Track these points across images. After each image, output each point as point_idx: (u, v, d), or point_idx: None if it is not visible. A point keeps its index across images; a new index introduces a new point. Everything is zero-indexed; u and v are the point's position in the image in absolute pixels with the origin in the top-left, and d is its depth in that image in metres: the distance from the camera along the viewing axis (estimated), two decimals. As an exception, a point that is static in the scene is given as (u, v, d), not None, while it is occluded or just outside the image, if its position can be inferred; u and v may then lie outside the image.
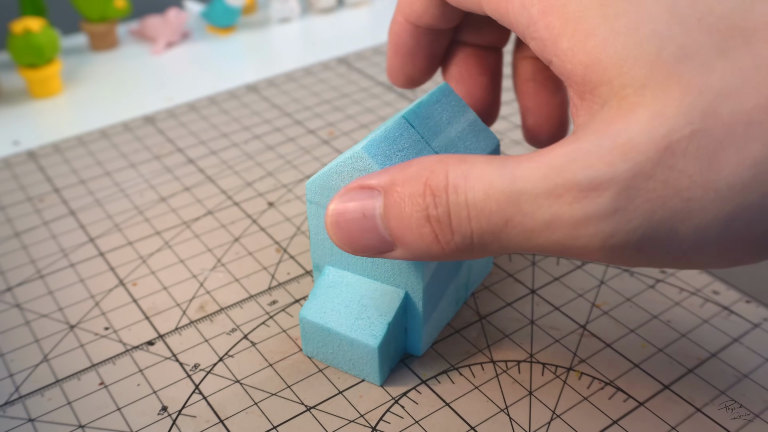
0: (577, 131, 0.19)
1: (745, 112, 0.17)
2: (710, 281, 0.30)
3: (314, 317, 0.26)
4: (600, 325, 0.28)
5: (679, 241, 0.18)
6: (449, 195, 0.20)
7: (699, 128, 0.17)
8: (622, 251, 0.18)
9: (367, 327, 0.25)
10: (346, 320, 0.25)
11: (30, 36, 0.44)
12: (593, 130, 0.18)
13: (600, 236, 0.18)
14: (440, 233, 0.20)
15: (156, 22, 0.52)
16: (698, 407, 0.25)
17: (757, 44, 0.17)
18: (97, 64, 0.51)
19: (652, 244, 0.18)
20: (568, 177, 0.18)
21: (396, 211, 0.21)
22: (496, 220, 0.19)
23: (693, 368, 0.26)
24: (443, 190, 0.20)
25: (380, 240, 0.22)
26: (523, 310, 0.29)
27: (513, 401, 0.25)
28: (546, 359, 0.27)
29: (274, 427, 0.25)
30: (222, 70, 0.49)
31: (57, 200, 0.36)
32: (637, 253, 0.18)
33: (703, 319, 0.28)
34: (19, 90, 0.47)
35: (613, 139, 0.18)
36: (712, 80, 0.17)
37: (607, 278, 0.31)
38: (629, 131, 0.18)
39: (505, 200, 0.19)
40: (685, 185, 0.17)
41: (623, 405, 0.25)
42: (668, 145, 0.17)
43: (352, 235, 0.22)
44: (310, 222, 0.26)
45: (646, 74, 0.18)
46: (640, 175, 0.17)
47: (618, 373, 0.26)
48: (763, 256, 0.19)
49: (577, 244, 0.19)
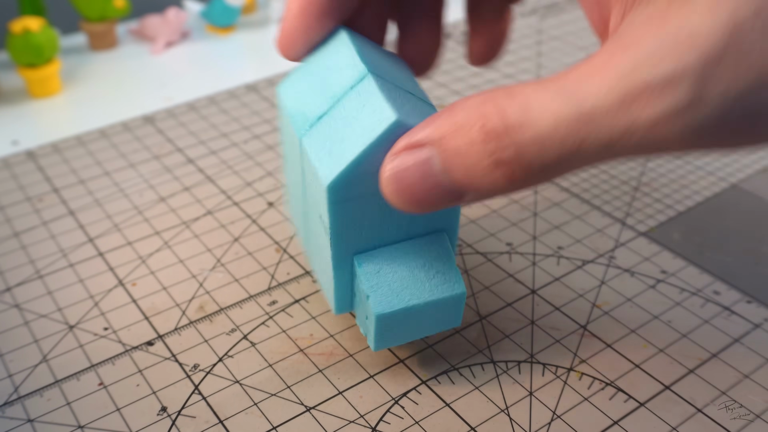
0: (624, 38, 0.19)
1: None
2: (711, 281, 0.30)
3: (392, 307, 0.23)
4: (600, 325, 0.28)
5: (758, 114, 0.18)
6: (514, 135, 0.19)
7: (762, 5, 0.17)
8: (703, 137, 0.19)
9: (444, 281, 0.24)
10: (422, 288, 0.24)
11: (29, 35, 0.44)
12: (647, 32, 0.18)
13: (679, 128, 0.18)
14: (513, 173, 0.20)
15: (155, 21, 0.52)
16: (699, 408, 0.25)
17: None
18: (97, 64, 0.50)
19: (733, 124, 0.18)
20: (637, 81, 0.18)
21: (459, 162, 0.20)
22: (569, 145, 0.19)
23: (694, 369, 0.26)
24: (505, 132, 0.20)
25: (448, 192, 0.21)
26: (523, 310, 0.29)
27: (513, 402, 0.25)
28: (546, 360, 0.27)
29: (274, 427, 0.24)
30: (221, 70, 0.49)
31: (56, 200, 0.36)
32: (717, 135, 0.19)
33: (704, 320, 0.28)
34: (18, 90, 0.47)
35: (675, 34, 0.18)
36: None
37: (607, 278, 0.30)
38: (690, 23, 0.18)
39: (576, 123, 0.19)
40: (757, 61, 0.18)
41: (624, 405, 0.25)
42: (733, 28, 0.17)
43: (418, 197, 0.21)
44: (333, 222, 0.23)
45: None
46: (711, 61, 0.18)
47: (619, 373, 0.26)
48: None
49: (657, 140, 0.19)
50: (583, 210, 0.35)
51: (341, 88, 0.23)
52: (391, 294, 0.23)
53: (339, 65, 0.24)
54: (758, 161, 0.38)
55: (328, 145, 0.22)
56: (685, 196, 0.36)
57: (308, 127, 0.23)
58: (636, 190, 0.36)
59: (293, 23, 0.25)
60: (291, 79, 0.25)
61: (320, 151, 0.22)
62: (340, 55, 0.24)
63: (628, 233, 0.33)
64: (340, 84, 0.23)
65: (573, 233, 0.33)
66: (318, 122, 0.23)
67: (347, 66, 0.23)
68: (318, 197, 0.23)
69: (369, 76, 0.23)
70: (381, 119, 0.21)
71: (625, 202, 0.35)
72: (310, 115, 0.24)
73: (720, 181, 0.37)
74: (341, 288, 0.25)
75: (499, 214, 0.34)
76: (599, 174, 0.37)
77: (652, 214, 0.34)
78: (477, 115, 0.20)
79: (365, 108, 0.22)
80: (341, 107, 0.23)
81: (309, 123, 0.23)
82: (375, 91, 0.22)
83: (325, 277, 0.26)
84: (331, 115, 0.23)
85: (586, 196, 0.36)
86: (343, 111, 0.23)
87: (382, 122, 0.21)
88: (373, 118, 0.22)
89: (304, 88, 0.24)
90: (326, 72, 0.24)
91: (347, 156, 0.22)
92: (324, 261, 0.25)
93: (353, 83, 0.23)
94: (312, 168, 0.23)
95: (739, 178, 0.37)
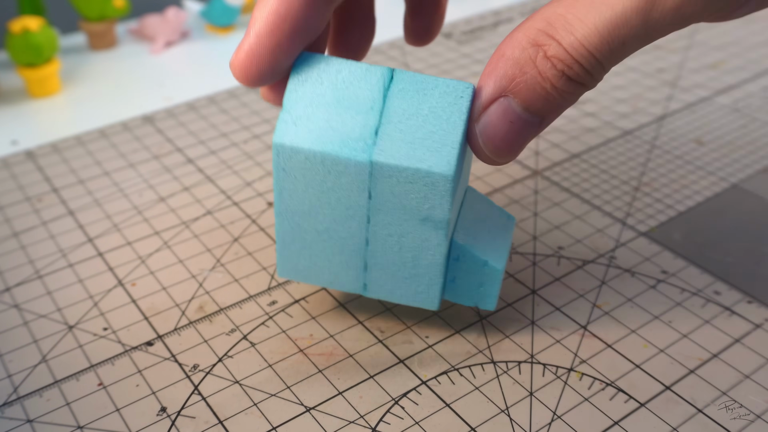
0: None
1: None
2: (711, 281, 0.30)
3: (502, 259, 0.26)
4: (601, 325, 0.28)
5: None
6: (573, 53, 0.22)
7: None
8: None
9: (503, 214, 0.27)
10: (499, 237, 0.27)
11: (28, 35, 0.43)
12: None
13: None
14: (586, 79, 0.22)
15: (155, 21, 0.52)
16: (700, 408, 0.25)
17: None
18: (96, 64, 0.50)
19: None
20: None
21: (538, 92, 0.22)
22: (616, 45, 0.22)
23: (694, 369, 0.26)
24: (566, 53, 0.22)
25: (532, 126, 0.23)
26: (523, 310, 0.29)
27: (513, 402, 0.25)
28: (547, 360, 0.27)
29: (274, 428, 0.24)
30: (221, 70, 0.49)
31: (56, 200, 0.36)
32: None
33: (705, 320, 0.28)
34: (18, 89, 0.47)
35: None
36: None
37: (608, 278, 0.30)
38: None
39: (633, 15, 0.21)
40: None
41: (624, 406, 0.25)
42: None
43: (511, 143, 0.23)
44: (449, 211, 0.23)
45: None
46: None
47: (619, 373, 0.26)
48: None
49: (685, 16, 0.21)
50: (584, 210, 0.35)
51: (372, 96, 0.23)
52: (494, 249, 0.26)
53: (350, 79, 0.23)
54: (759, 161, 0.38)
55: (416, 146, 0.22)
56: (686, 196, 0.36)
57: (368, 146, 0.23)
58: (636, 190, 0.36)
59: (261, 41, 0.24)
60: (288, 127, 0.23)
61: (411, 157, 0.22)
62: (344, 71, 0.23)
63: (628, 233, 0.33)
64: (368, 95, 0.23)
65: (573, 233, 0.33)
66: (379, 136, 0.23)
67: (363, 76, 0.23)
68: (417, 203, 0.23)
69: (397, 71, 0.23)
70: (457, 94, 0.22)
71: (626, 202, 0.35)
72: (356, 137, 0.23)
73: (721, 181, 0.37)
74: (443, 278, 0.26)
75: (500, 214, 0.34)
76: (599, 174, 0.37)
77: (653, 214, 0.34)
78: (532, 45, 0.22)
79: (427, 95, 0.23)
80: (394, 111, 0.23)
81: (364, 143, 0.23)
82: (423, 77, 0.23)
83: (415, 284, 0.26)
84: (390, 122, 0.23)
85: (587, 196, 0.36)
86: (401, 112, 0.23)
87: (462, 95, 0.22)
88: (446, 99, 0.23)
89: (321, 123, 0.23)
90: (339, 93, 0.23)
91: (450, 142, 0.22)
92: (420, 268, 0.25)
93: (384, 85, 0.23)
94: (410, 176, 0.23)
95: (740, 178, 0.37)
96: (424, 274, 0.25)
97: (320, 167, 0.23)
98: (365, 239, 0.25)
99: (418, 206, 0.23)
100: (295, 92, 0.23)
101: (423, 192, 0.23)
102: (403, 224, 0.24)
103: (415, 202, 0.23)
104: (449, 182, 0.22)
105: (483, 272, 0.26)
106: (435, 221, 0.24)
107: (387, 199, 0.23)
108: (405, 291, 0.26)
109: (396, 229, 0.24)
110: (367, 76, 0.23)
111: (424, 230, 0.24)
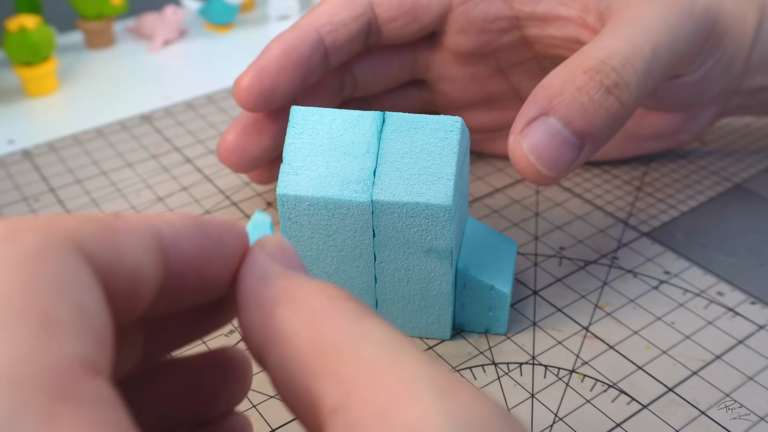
0: (617, 21, 0.26)
1: None
2: (715, 282, 0.30)
3: (508, 282, 0.27)
4: (603, 326, 0.28)
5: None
6: (611, 61, 0.24)
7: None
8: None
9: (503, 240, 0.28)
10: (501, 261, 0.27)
11: (25, 33, 0.43)
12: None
13: None
14: (621, 94, 0.24)
15: (153, 19, 0.52)
16: (702, 410, 0.25)
17: None
18: (93, 62, 0.50)
19: None
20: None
21: (576, 107, 0.24)
22: (648, 51, 0.25)
23: (697, 370, 0.26)
24: (603, 62, 0.24)
25: (572, 147, 0.24)
26: (525, 311, 0.29)
27: (515, 404, 0.25)
28: (548, 361, 0.26)
29: (273, 429, 0.24)
30: (220, 68, 0.49)
31: (53, 200, 0.36)
32: None
33: (708, 321, 0.28)
34: (14, 88, 0.46)
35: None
36: None
37: (610, 279, 0.30)
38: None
39: (644, 34, 0.25)
40: None
41: (626, 408, 0.25)
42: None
43: (554, 156, 0.24)
44: (451, 239, 0.24)
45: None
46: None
47: (621, 375, 0.26)
48: None
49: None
50: (586, 210, 0.34)
51: (367, 140, 0.24)
52: (499, 274, 0.27)
53: (345, 126, 0.24)
54: (762, 161, 0.38)
55: (413, 182, 0.23)
56: (689, 196, 0.35)
57: (368, 187, 0.24)
58: (639, 189, 0.36)
59: (271, 61, 0.28)
60: (290, 178, 0.24)
61: (410, 192, 0.23)
62: (338, 119, 0.25)
63: (630, 233, 0.33)
64: (363, 139, 0.24)
65: (575, 233, 0.33)
66: (377, 176, 0.24)
67: (356, 122, 0.24)
68: (420, 235, 0.24)
69: (388, 114, 0.24)
70: (447, 129, 0.23)
71: (628, 202, 0.35)
72: (356, 180, 0.24)
73: (724, 181, 0.36)
74: (453, 307, 0.27)
75: (501, 214, 0.34)
76: (601, 174, 0.37)
77: (655, 214, 0.34)
78: (572, 68, 0.25)
79: (419, 132, 0.24)
80: (389, 151, 0.24)
81: (364, 184, 0.24)
82: (413, 117, 0.24)
83: (426, 315, 0.27)
84: (386, 162, 0.24)
85: (589, 196, 0.35)
86: (395, 151, 0.24)
87: (452, 129, 0.23)
88: (437, 134, 0.23)
89: (321, 170, 0.24)
90: (336, 140, 0.24)
91: (446, 174, 0.23)
92: (429, 299, 0.26)
93: (377, 128, 0.24)
94: (410, 210, 0.23)
95: (743, 177, 0.37)
96: (434, 305, 0.26)
97: (324, 212, 0.24)
98: (374, 276, 0.26)
99: (421, 238, 0.24)
100: (293, 144, 0.25)
101: (424, 224, 0.24)
102: (409, 258, 0.25)
103: (417, 235, 0.24)
104: (448, 212, 0.23)
105: (490, 297, 0.27)
106: (439, 251, 0.24)
107: (391, 235, 0.24)
108: (417, 323, 0.27)
109: (402, 264, 0.25)
110: (360, 121, 0.24)
111: (430, 261, 0.25)
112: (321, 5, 0.30)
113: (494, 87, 0.33)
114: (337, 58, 0.30)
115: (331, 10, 0.29)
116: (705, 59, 0.29)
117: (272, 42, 0.29)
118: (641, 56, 0.25)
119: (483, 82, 0.33)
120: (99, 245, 0.13)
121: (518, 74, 0.33)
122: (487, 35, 0.31)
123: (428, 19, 0.30)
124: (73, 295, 0.12)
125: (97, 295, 0.13)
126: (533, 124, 0.24)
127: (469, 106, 0.34)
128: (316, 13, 0.29)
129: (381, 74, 0.32)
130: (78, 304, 0.12)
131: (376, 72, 0.32)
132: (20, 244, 0.12)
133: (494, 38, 0.31)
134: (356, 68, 0.32)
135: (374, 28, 0.30)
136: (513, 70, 0.33)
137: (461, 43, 0.31)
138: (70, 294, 0.12)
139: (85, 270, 0.13)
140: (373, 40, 0.31)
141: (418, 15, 0.30)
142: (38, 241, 0.12)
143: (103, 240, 0.13)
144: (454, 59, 0.32)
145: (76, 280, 0.12)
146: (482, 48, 0.31)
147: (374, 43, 0.31)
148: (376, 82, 0.32)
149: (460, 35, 0.31)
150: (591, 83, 0.24)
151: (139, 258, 0.14)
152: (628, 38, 0.25)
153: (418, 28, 0.30)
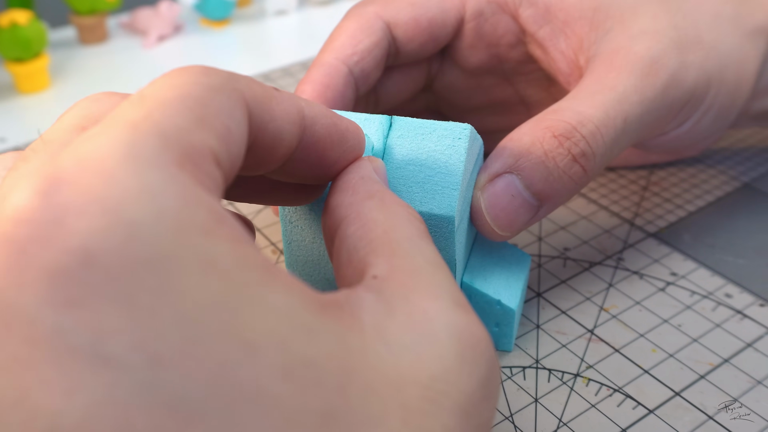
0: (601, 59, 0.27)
1: None
2: (723, 284, 0.30)
3: (515, 296, 0.26)
4: (608, 329, 0.28)
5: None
6: (582, 128, 0.25)
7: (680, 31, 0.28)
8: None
9: (516, 252, 0.27)
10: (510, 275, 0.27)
11: (17, 29, 0.43)
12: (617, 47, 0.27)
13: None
14: (588, 162, 0.25)
15: (147, 14, 0.52)
16: (710, 415, 0.24)
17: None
18: (86, 58, 0.50)
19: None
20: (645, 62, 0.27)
21: (541, 170, 0.24)
22: (619, 122, 0.25)
23: (705, 374, 0.26)
24: (574, 129, 0.25)
25: (530, 209, 0.25)
26: (528, 313, 0.28)
27: (518, 408, 0.25)
28: (552, 365, 0.26)
29: None
30: (216, 65, 0.48)
31: (43, 198, 0.35)
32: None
33: (715, 323, 0.28)
34: (6, 85, 0.46)
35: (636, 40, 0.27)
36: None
37: (615, 281, 0.30)
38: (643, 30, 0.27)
39: (619, 104, 0.26)
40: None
41: (632, 412, 0.24)
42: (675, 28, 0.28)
43: (511, 218, 0.24)
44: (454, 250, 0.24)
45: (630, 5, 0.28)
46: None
47: (627, 379, 0.26)
48: None
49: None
50: (591, 210, 0.34)
51: (372, 144, 0.23)
52: (507, 288, 0.26)
53: None
54: (768, 159, 0.37)
55: (417, 190, 0.23)
56: (696, 195, 0.35)
57: None
58: (645, 189, 0.35)
59: (334, 65, 0.28)
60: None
61: (413, 200, 0.23)
62: None
63: (636, 234, 0.32)
64: (368, 143, 0.23)
65: (580, 234, 0.32)
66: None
67: (362, 125, 0.24)
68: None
69: (395, 118, 0.24)
70: (455, 136, 0.23)
71: (634, 202, 0.34)
72: None
73: (732, 180, 0.36)
74: None
75: (502, 213, 0.34)
76: (606, 173, 0.36)
77: (662, 214, 0.34)
78: (542, 129, 0.25)
79: (426, 139, 0.23)
80: (394, 157, 0.23)
81: None
82: (421, 122, 0.23)
83: None
84: (391, 169, 0.23)
85: (593, 195, 0.35)
86: (401, 157, 0.23)
87: (461, 137, 0.23)
88: (445, 141, 0.23)
89: None
90: None
91: (451, 183, 0.22)
92: None
93: (384, 133, 0.23)
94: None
95: (752, 176, 0.36)
96: None
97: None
98: None
99: None
100: None
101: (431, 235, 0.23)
102: None
103: None
104: (451, 223, 0.22)
105: (496, 312, 0.26)
106: None
107: None
108: None
109: None
110: (366, 125, 0.24)
111: None
112: (338, 36, 0.29)
113: (499, 94, 0.33)
114: (365, 86, 0.30)
115: (353, 40, 0.29)
116: (686, 117, 0.29)
117: (303, 84, 0.28)
118: (612, 127, 0.25)
119: (489, 89, 0.33)
120: (259, 105, 0.17)
121: (523, 82, 0.33)
122: (496, 49, 0.31)
123: (444, 36, 0.30)
124: (227, 119, 0.15)
125: (243, 130, 0.16)
126: (496, 181, 0.24)
127: (473, 110, 0.34)
128: (337, 46, 0.29)
129: (401, 89, 0.32)
130: (226, 125, 0.15)
131: (397, 88, 0.32)
132: (206, 78, 0.16)
133: (502, 52, 0.31)
134: (379, 88, 0.32)
135: (392, 50, 0.30)
136: (518, 78, 0.33)
137: (470, 57, 0.31)
138: (224, 117, 0.15)
139: (240, 111, 0.16)
140: (392, 61, 0.31)
141: (434, 33, 0.30)
142: (218, 80, 0.16)
143: (263, 101, 0.17)
144: (462, 71, 0.32)
145: (232, 113, 0.16)
146: (490, 61, 0.32)
147: (392, 63, 0.31)
148: (397, 96, 0.32)
149: (470, 50, 0.31)
150: (559, 149, 0.24)
151: (284, 125, 0.18)
152: (602, 107, 0.25)
153: (434, 46, 0.31)
